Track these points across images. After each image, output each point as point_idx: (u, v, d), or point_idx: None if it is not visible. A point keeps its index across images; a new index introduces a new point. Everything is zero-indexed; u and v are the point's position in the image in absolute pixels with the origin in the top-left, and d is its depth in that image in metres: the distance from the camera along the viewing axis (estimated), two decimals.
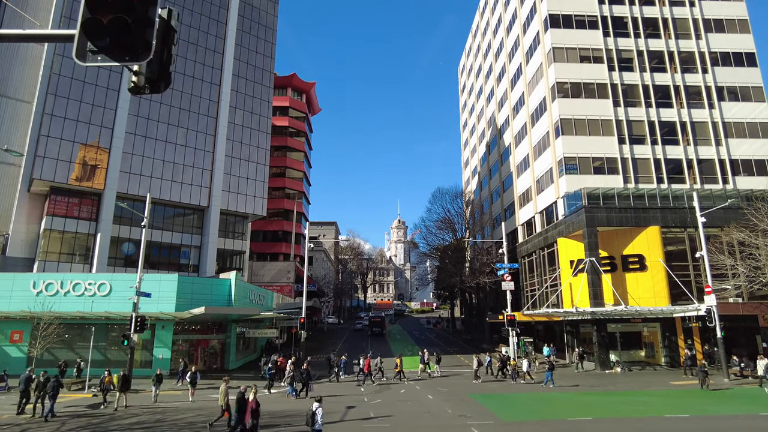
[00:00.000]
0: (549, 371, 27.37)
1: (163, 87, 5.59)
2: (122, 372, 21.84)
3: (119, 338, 29.72)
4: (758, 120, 42.07)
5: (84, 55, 5.04)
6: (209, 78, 50.98)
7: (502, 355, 33.16)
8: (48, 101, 40.79)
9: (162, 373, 23.90)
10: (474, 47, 76.47)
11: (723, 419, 18.38)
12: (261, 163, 54.08)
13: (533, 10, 47.70)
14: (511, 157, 54.23)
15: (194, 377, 23.53)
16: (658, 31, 44.43)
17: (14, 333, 31.08)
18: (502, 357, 32.41)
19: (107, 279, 32.60)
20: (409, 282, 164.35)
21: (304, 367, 25.43)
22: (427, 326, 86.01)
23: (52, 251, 40.25)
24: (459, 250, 63.17)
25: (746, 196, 36.80)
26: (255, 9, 56.80)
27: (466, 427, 17.20)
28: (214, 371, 33.12)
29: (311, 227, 55.21)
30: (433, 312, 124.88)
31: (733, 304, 33.71)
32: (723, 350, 28.51)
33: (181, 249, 47.95)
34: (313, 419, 13.28)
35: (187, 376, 23.92)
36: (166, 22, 5.51)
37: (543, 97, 44.83)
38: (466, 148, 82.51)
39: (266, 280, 56.89)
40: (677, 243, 36.63)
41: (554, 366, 28.10)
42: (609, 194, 37.50)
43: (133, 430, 17.48)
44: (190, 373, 23.76)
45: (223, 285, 35.54)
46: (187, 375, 24.84)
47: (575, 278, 36.47)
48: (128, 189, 43.64)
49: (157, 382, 23.19)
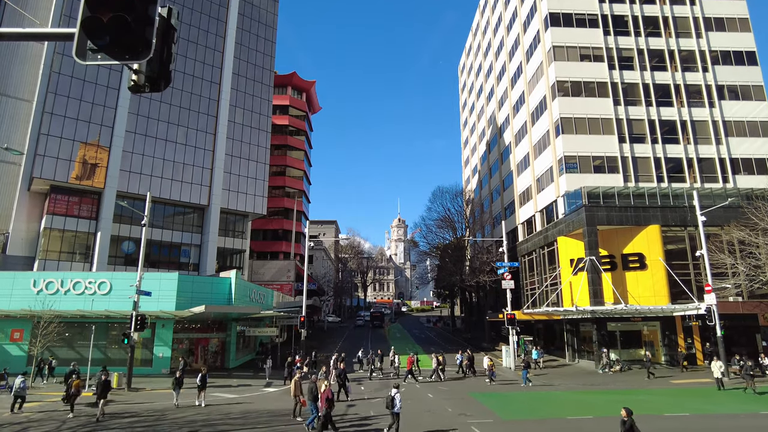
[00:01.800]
0: (524, 369, 27.53)
1: (163, 86, 5.58)
2: (102, 377, 19.26)
3: (119, 337, 29.71)
4: (758, 119, 42.04)
5: (84, 54, 5.03)
6: (209, 76, 50.95)
7: (468, 354, 32.68)
8: (48, 100, 40.76)
9: (182, 376, 21.96)
10: (474, 46, 76.39)
11: (722, 418, 18.39)
12: (261, 161, 54.08)
13: (533, 8, 47.63)
14: (512, 155, 54.21)
15: (204, 380, 21.64)
16: (659, 29, 44.37)
17: (14, 331, 31.11)
18: (469, 355, 32.32)
19: (107, 278, 32.61)
20: (409, 281, 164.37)
21: (341, 367, 24.44)
22: (427, 325, 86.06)
23: (52, 250, 40.27)
24: (459, 248, 63.18)
25: (746, 194, 36.78)
26: (255, 7, 56.73)
27: (466, 425, 17.21)
28: (215, 370, 33.15)
29: (311, 226, 55.20)
30: (433, 311, 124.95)
31: (733, 303, 33.74)
32: (723, 349, 28.52)
33: (182, 248, 47.98)
34: (392, 402, 15.07)
35: (198, 379, 21.78)
36: (166, 21, 5.50)
37: (543, 96, 44.80)
38: (467, 146, 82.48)
39: (266, 278, 56.91)
40: (677, 242, 36.62)
41: (530, 365, 28.36)
42: (609, 193, 37.49)
43: (133, 428, 17.51)
44: (200, 375, 21.73)
45: (224, 284, 35.55)
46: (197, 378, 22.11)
47: (575, 277, 36.48)
48: (128, 188, 43.65)
49: (177, 386, 21.23)
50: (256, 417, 19.18)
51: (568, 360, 38.79)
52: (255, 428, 17.29)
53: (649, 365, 29.26)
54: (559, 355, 40.88)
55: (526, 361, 28.56)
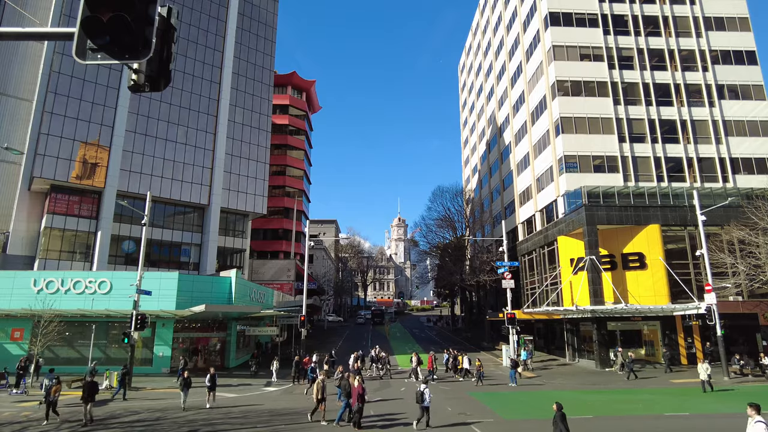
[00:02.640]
0: (512, 369, 27.58)
1: (163, 85, 5.58)
2: (88, 378, 18.24)
3: (120, 336, 29.74)
4: (758, 118, 42.02)
5: (84, 53, 5.03)
6: (209, 76, 50.94)
7: (455, 353, 32.86)
8: (48, 99, 40.74)
9: (190, 376, 20.93)
10: (474, 45, 76.35)
11: (721, 417, 18.39)
12: (261, 161, 54.08)
13: (533, 8, 47.61)
14: (512, 155, 54.19)
15: (213, 380, 20.77)
16: (659, 29, 44.35)
17: (15, 331, 31.14)
18: (454, 354, 32.44)
19: (108, 277, 32.62)
20: (410, 280, 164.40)
21: (357, 367, 24.58)
22: (427, 324, 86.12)
23: (52, 249, 40.28)
24: (459, 248, 63.20)
25: (746, 194, 36.75)
26: (255, 7, 56.70)
27: (466, 425, 17.22)
28: (215, 369, 33.11)
29: (311, 225, 55.21)
30: (433, 310, 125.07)
31: (733, 303, 33.74)
32: (723, 348, 28.53)
33: (182, 247, 47.99)
34: (422, 397, 15.98)
35: (207, 379, 20.95)
36: (166, 20, 5.50)
37: (543, 96, 44.78)
38: (467, 146, 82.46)
39: (266, 278, 56.91)
40: (677, 241, 36.62)
41: (518, 365, 28.46)
42: (609, 192, 37.48)
43: (132, 427, 17.52)
44: (209, 376, 20.91)
45: (224, 283, 35.56)
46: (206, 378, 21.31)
47: (575, 276, 36.49)
48: (128, 187, 43.66)
49: (186, 386, 20.25)
50: (256, 416, 19.20)
51: (568, 359, 38.81)
52: (255, 427, 17.30)
53: (632, 366, 29.06)
54: (560, 355, 40.90)
55: (514, 361, 28.52)
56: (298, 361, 29.09)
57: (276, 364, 29.58)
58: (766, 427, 8.90)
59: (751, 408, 9.29)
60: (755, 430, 9.03)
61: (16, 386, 24.69)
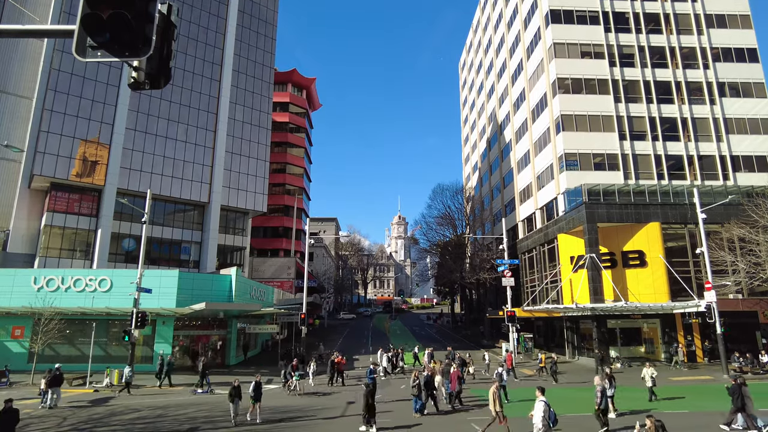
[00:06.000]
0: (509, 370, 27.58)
1: (163, 83, 5.58)
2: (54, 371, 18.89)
3: (120, 334, 29.73)
4: (759, 116, 41.97)
5: (84, 51, 5.03)
6: (209, 74, 50.87)
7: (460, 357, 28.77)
8: (48, 97, 40.70)
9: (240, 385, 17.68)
10: (475, 43, 76.21)
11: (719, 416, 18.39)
12: (261, 159, 54.06)
13: (534, 5, 47.50)
14: (512, 153, 54.15)
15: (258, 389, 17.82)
16: (660, 26, 44.26)
17: (15, 329, 31.19)
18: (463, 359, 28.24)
19: (108, 275, 32.64)
20: (410, 278, 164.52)
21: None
22: (427, 322, 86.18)
23: (52, 247, 40.31)
24: (459, 246, 63.18)
25: (747, 192, 36.74)
26: (255, 4, 56.58)
27: (465, 422, 17.26)
28: (215, 367, 33.19)
29: (312, 223, 55.21)
30: (433, 308, 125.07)
31: (733, 300, 33.77)
32: (723, 346, 28.56)
33: (182, 245, 48.03)
34: (501, 378, 20.33)
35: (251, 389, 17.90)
36: (166, 18, 5.49)
37: (544, 93, 44.72)
38: (467, 144, 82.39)
39: (267, 276, 56.96)
40: (677, 239, 36.62)
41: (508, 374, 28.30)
42: (609, 190, 37.46)
43: (134, 425, 17.56)
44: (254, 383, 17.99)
45: (224, 281, 35.59)
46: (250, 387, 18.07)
47: (575, 274, 36.51)
48: (128, 185, 43.65)
49: (237, 397, 17.21)
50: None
51: (568, 357, 38.86)
52: (255, 425, 17.33)
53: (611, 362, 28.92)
54: (560, 352, 40.91)
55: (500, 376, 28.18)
56: (333, 361, 27.40)
57: (313, 365, 28.22)
58: (545, 404, 12.03)
59: (538, 390, 12.71)
60: (537, 407, 12.20)
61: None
